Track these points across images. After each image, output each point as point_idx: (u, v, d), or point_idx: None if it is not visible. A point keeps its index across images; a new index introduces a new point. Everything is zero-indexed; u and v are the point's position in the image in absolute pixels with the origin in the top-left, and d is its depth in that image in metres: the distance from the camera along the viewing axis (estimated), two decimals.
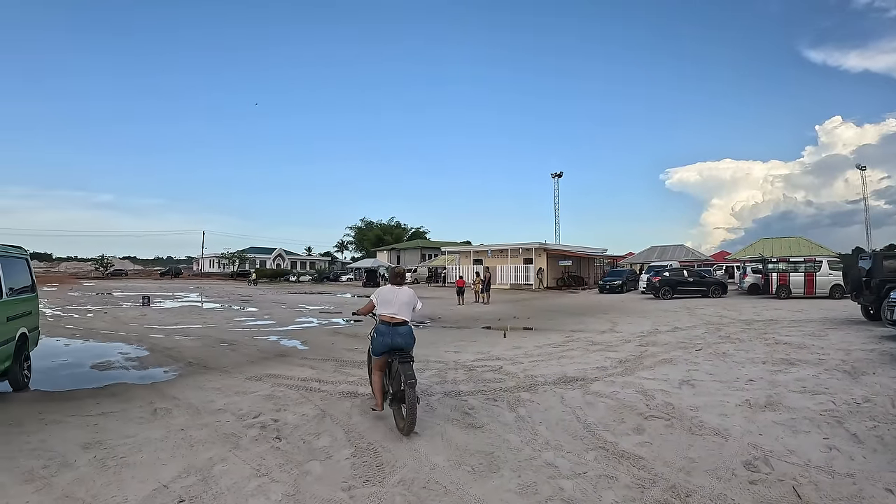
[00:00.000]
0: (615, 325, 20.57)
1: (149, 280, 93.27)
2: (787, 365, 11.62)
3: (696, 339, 15.86)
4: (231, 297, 41.28)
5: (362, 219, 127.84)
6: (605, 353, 13.46)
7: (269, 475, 5.58)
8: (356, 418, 7.79)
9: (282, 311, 28.32)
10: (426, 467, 5.80)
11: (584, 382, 10.09)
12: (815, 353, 13.13)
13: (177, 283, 77.59)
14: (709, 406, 8.36)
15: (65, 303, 34.58)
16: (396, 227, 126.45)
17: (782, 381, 10.04)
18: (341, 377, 10.76)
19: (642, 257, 73.96)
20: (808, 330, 17.72)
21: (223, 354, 13.73)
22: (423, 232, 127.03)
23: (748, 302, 32.08)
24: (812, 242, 66.71)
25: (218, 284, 76.01)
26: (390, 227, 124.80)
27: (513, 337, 16.99)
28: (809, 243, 66.35)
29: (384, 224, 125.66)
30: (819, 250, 60.37)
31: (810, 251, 58.96)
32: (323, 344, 15.63)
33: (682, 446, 6.50)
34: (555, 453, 6.26)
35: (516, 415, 7.94)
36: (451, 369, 11.51)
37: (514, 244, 58.68)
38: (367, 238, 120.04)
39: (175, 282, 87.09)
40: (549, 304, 33.18)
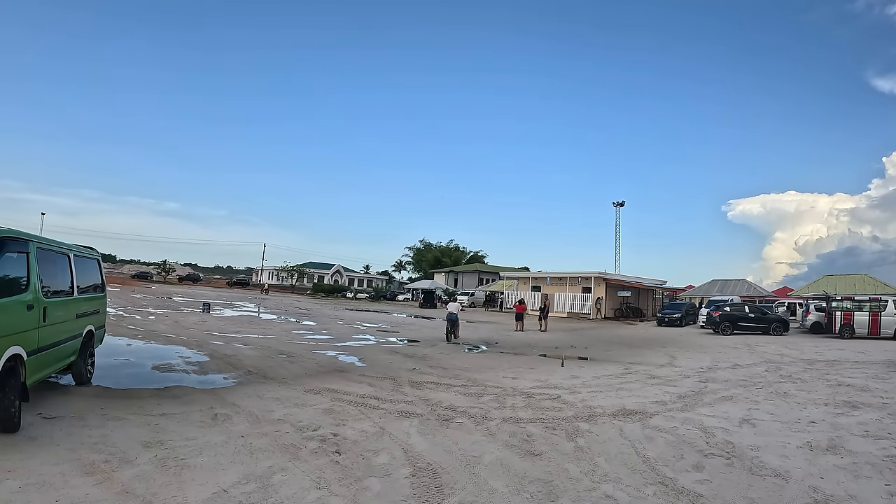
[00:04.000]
0: (674, 358, 20.26)
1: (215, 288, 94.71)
2: (850, 408, 11.38)
3: (757, 378, 15.56)
4: (289, 310, 41.63)
5: (421, 240, 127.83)
6: (663, 388, 13.27)
7: (328, 488, 5.59)
8: (415, 438, 7.77)
9: (339, 327, 28.47)
10: (485, 492, 5.76)
11: (644, 416, 9.96)
12: (879, 396, 12.84)
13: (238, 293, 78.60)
14: (769, 446, 8.21)
15: (127, 304, 35.29)
16: (455, 249, 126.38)
17: (844, 424, 9.84)
18: (399, 396, 10.79)
19: (702, 291, 73.00)
20: (871, 372, 17.28)
21: (281, 365, 13.85)
22: (482, 256, 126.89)
23: (810, 341, 31.38)
24: (877, 280, 64.87)
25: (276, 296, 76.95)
26: (449, 250, 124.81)
27: (570, 366, 16.84)
28: (875, 281, 64.56)
29: (443, 246, 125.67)
30: (885, 289, 58.60)
31: (875, 289, 57.28)
32: (381, 362, 15.69)
33: (743, 486, 6.39)
34: (614, 486, 6.19)
35: (575, 444, 7.86)
36: (510, 395, 11.44)
37: (573, 272, 58.27)
38: (426, 259, 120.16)
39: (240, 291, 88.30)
40: (607, 335, 32.80)
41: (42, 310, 7.94)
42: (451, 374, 14.07)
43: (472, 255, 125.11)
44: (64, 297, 9.18)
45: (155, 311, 31.39)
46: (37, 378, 7.96)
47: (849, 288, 58.36)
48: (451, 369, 14.89)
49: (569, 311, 55.65)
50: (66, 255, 9.51)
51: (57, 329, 8.69)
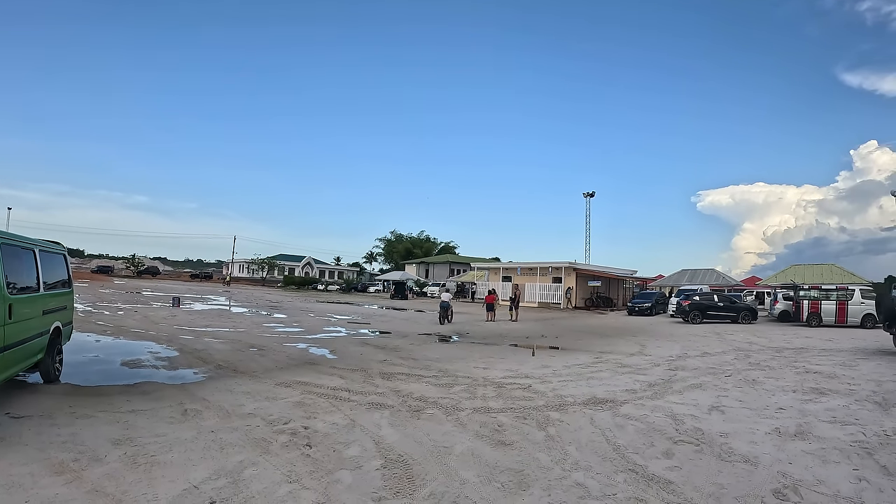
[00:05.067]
0: (644, 347, 20.46)
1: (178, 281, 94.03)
2: (818, 394, 11.58)
3: (726, 366, 15.75)
4: (259, 303, 41.47)
5: (392, 231, 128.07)
6: (634, 376, 13.41)
7: (299, 482, 5.60)
8: (386, 430, 7.79)
9: (310, 319, 28.43)
10: (456, 482, 5.80)
11: (614, 404, 10.06)
12: (846, 383, 13.06)
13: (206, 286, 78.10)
14: (738, 433, 8.35)
15: (95, 299, 34.97)
16: (426, 240, 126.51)
17: (812, 411, 10.02)
18: (370, 388, 10.79)
19: (672, 280, 73.58)
20: (838, 359, 17.56)
21: (252, 359, 13.80)
22: (453, 247, 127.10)
23: (778, 329, 31.80)
24: (844, 270, 65.96)
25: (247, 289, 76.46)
26: (420, 241, 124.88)
27: (541, 355, 16.95)
28: (842, 271, 65.63)
29: (414, 237, 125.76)
30: (851, 278, 59.64)
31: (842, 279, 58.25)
32: (352, 354, 15.68)
33: (712, 472, 6.49)
34: (585, 474, 6.25)
35: (546, 434, 7.92)
36: (481, 385, 11.50)
37: (544, 262, 58.48)
38: (397, 250, 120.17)
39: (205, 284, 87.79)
40: (578, 324, 33.04)
41: (7, 307, 7.84)
42: (422, 364, 14.10)
43: (443, 246, 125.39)
44: (30, 294, 9.06)
45: (124, 306, 31.14)
46: (3, 377, 7.87)
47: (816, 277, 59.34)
48: (422, 360, 14.92)
49: (539, 301, 55.92)
50: (31, 250, 9.39)
51: (23, 326, 8.58)
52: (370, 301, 57.98)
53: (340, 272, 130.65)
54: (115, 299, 36.49)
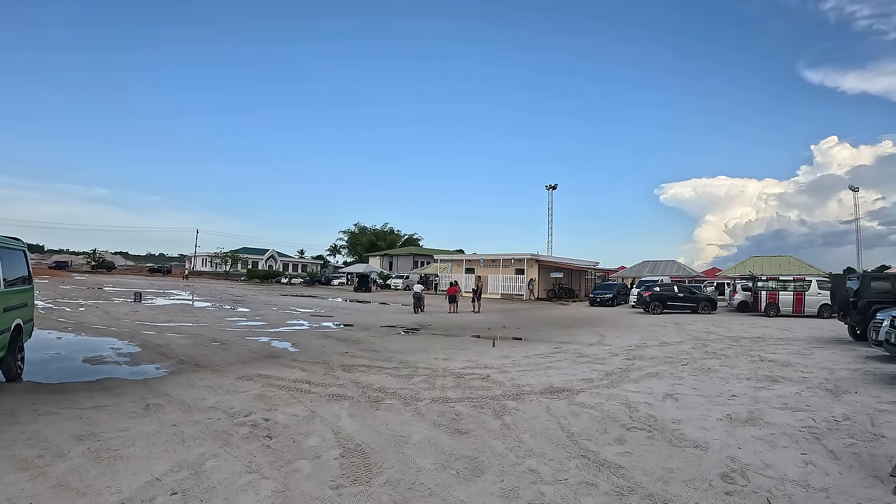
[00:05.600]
0: (604, 338, 20.71)
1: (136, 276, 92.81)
2: (771, 382, 11.86)
3: (683, 355, 16.04)
4: (223, 297, 41.24)
5: (356, 223, 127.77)
6: (592, 366, 13.62)
7: (259, 472, 5.71)
8: (345, 420, 7.91)
9: (273, 313, 28.36)
10: (412, 469, 5.95)
11: (570, 393, 10.25)
12: (800, 371, 13.35)
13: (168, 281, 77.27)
14: (690, 419, 8.56)
15: (56, 296, 34.59)
16: (390, 232, 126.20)
17: (764, 398, 10.27)
18: (331, 380, 10.88)
19: (634, 271, 74.44)
20: (794, 348, 17.94)
21: (214, 353, 13.81)
22: (417, 239, 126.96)
23: (737, 319, 32.29)
24: (802, 262, 67.28)
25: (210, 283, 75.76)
26: (384, 233, 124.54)
27: (502, 346, 17.14)
28: (799, 262, 66.92)
29: (378, 229, 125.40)
30: (809, 270, 60.86)
31: (800, 270, 59.42)
32: (313, 347, 15.72)
33: (662, 457, 6.69)
34: (538, 460, 6.43)
35: (502, 422, 8.10)
36: (440, 376, 11.64)
37: (507, 254, 58.75)
38: (361, 243, 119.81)
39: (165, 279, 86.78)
40: (539, 316, 33.32)
41: None
42: (383, 356, 14.20)
43: (406, 239, 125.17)
44: None
45: (85, 302, 30.82)
46: None
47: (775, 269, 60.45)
48: (383, 352, 15.02)
49: (502, 293, 56.21)
50: None
51: None
52: (334, 294, 57.86)
53: (304, 265, 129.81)
54: (75, 295, 36.10)
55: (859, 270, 41.17)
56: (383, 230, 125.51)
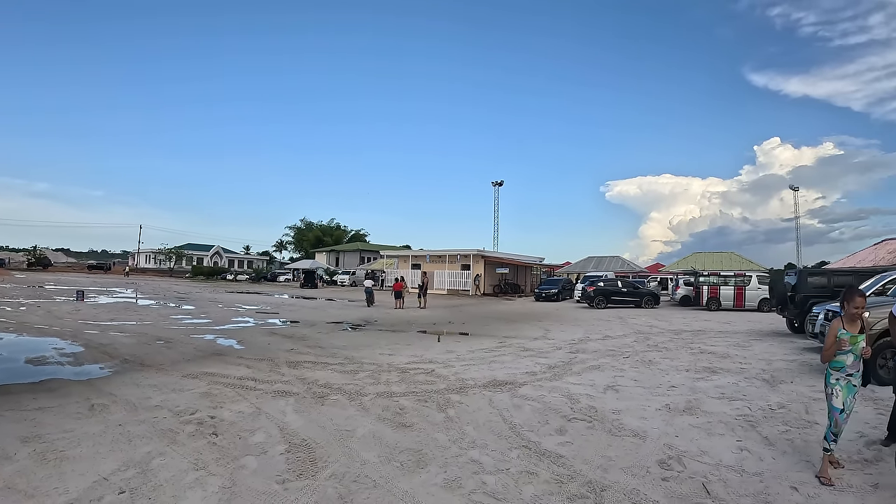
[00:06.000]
0: (548, 332, 21.01)
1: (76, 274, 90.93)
2: (710, 373, 12.22)
3: (625, 348, 16.38)
4: (167, 295, 40.73)
5: (302, 219, 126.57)
6: (535, 359, 13.86)
7: (206, 469, 5.77)
8: (290, 416, 7.99)
9: (218, 310, 28.07)
10: (357, 463, 6.08)
11: (513, 386, 10.46)
12: (738, 362, 13.77)
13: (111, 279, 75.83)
14: (630, 410, 8.83)
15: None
16: (337, 228, 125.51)
17: (703, 388, 10.60)
18: (276, 376, 10.92)
19: (579, 267, 75.23)
20: (733, 341, 18.46)
21: (159, 352, 13.68)
22: (363, 234, 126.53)
23: (679, 313, 32.91)
24: (742, 258, 68.87)
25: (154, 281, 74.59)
26: (330, 229, 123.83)
27: (447, 341, 17.29)
28: (740, 258, 68.45)
29: (324, 225, 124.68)
30: (749, 265, 62.38)
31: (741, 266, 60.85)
32: (259, 344, 15.69)
33: (602, 446, 6.93)
34: (480, 451, 6.62)
35: (445, 415, 8.27)
36: (385, 371, 11.76)
37: (453, 250, 58.89)
38: (307, 238, 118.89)
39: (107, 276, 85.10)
40: (485, 311, 33.52)
41: None
42: (329, 352, 14.25)
43: (353, 234, 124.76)
44: None
45: (26, 301, 30.20)
46: None
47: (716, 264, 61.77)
48: (329, 348, 15.07)
49: (448, 289, 56.35)
50: None
51: None
52: (280, 290, 57.52)
53: (250, 261, 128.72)
54: (16, 294, 35.33)
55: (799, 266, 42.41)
56: (330, 226, 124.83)
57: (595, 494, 5.37)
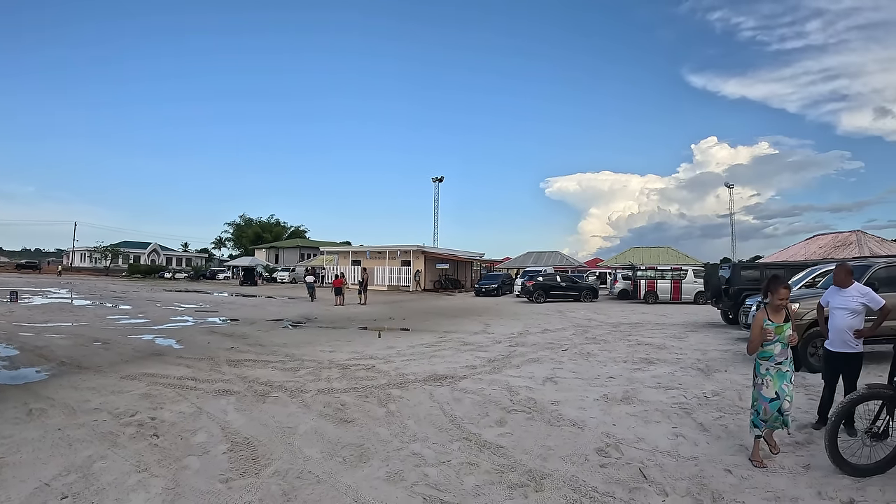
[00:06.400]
0: (488, 326, 21.25)
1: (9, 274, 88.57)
2: (647, 364, 12.57)
3: (564, 341, 16.69)
4: (103, 294, 39.98)
5: (241, 215, 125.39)
6: (475, 353, 14.05)
7: (148, 470, 5.76)
8: (232, 415, 8.01)
9: (156, 310, 27.61)
10: (300, 459, 6.15)
11: (453, 380, 10.63)
12: (674, 353, 14.17)
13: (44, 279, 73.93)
14: (569, 401, 9.06)
15: None
16: (276, 225, 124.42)
17: (640, 378, 10.93)
18: (217, 375, 10.89)
19: (518, 262, 75.97)
20: (670, 332, 18.96)
21: (97, 353, 13.46)
22: (303, 231, 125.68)
23: (617, 306, 33.58)
24: (679, 252, 70.54)
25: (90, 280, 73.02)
26: (270, 225, 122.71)
27: (387, 337, 17.38)
28: (677, 253, 70.07)
29: (263, 221, 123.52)
30: (686, 259, 63.94)
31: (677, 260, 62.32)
32: (199, 343, 15.57)
33: (541, 436, 7.14)
34: (421, 444, 6.76)
35: (387, 410, 8.38)
36: (326, 368, 11.80)
37: (393, 246, 58.93)
38: (246, 235, 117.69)
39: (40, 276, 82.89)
40: (425, 306, 33.68)
41: None
42: (269, 350, 14.23)
43: (293, 231, 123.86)
44: None
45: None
46: None
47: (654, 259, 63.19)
48: (270, 346, 15.04)
49: (389, 285, 56.40)
50: None
51: None
52: (219, 288, 56.98)
53: (188, 259, 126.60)
54: None
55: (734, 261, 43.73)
56: (269, 222, 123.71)
57: (535, 483, 5.55)
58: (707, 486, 5.52)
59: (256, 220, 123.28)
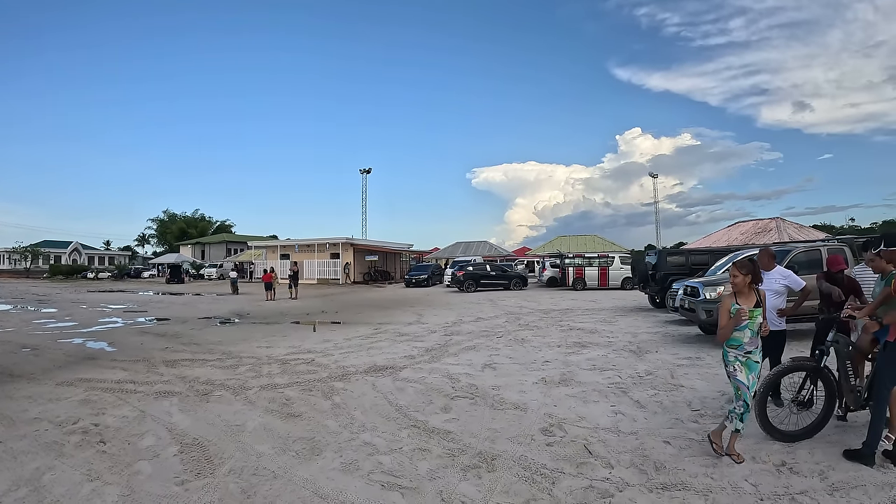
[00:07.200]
0: (421, 316, 21.53)
1: None
2: (580, 347, 12.99)
3: (498, 328, 17.03)
4: (25, 297, 38.91)
5: (165, 211, 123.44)
6: (412, 343, 14.26)
7: (100, 478, 5.69)
8: (177, 416, 7.96)
9: (83, 312, 26.93)
10: (253, 456, 6.20)
11: (394, 370, 10.83)
12: (606, 336, 14.61)
13: None
14: (509, 385, 9.36)
15: None
16: (201, 220, 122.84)
17: (575, 361, 11.32)
18: (156, 377, 10.76)
19: (447, 252, 76.42)
20: (600, 317, 19.53)
21: (27, 360, 13.10)
22: (229, 225, 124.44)
23: (547, 293, 34.23)
24: (605, 240, 72.21)
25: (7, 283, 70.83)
26: (195, 220, 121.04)
27: (322, 331, 17.44)
28: (603, 240, 71.65)
29: (188, 217, 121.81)
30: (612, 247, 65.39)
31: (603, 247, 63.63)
32: (131, 344, 15.30)
33: (486, 420, 7.40)
34: (371, 434, 6.90)
35: (332, 402, 8.51)
36: (265, 364, 11.83)
37: (321, 239, 58.83)
38: (171, 231, 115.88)
39: None
40: (357, 299, 33.83)
41: None
42: (205, 349, 14.14)
43: (219, 226, 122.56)
44: None
45: None
46: None
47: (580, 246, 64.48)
48: (205, 344, 14.94)
49: (319, 278, 56.41)
50: None
51: None
52: (145, 287, 55.99)
53: (111, 257, 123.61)
54: None
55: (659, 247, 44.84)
56: (194, 217, 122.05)
57: (487, 464, 5.76)
58: (649, 457, 5.84)
59: (181, 216, 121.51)
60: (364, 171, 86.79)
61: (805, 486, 5.07)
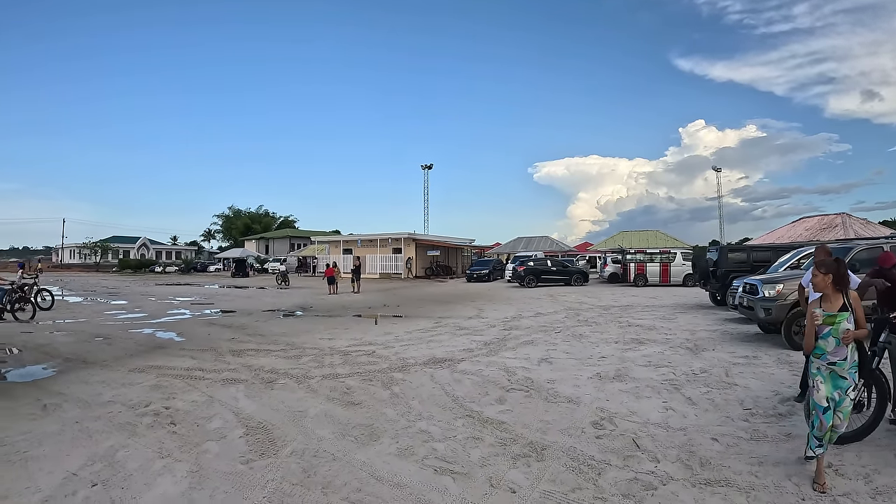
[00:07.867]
0: (481, 311, 21.64)
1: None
2: (637, 344, 12.94)
3: (557, 323, 17.06)
4: (96, 290, 39.88)
5: (230, 206, 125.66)
6: (471, 337, 14.41)
7: (171, 456, 6.01)
8: (243, 401, 8.27)
9: (152, 304, 27.70)
10: (314, 440, 6.46)
11: (452, 363, 11.01)
12: (664, 333, 14.54)
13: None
14: (564, 379, 9.45)
15: None
16: (265, 215, 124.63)
17: (631, 358, 11.31)
18: (222, 365, 11.12)
19: (509, 248, 76.18)
20: (659, 314, 19.37)
21: (100, 349, 13.56)
22: (293, 221, 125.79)
23: (608, 289, 34.03)
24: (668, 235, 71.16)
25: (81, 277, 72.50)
26: (259, 216, 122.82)
27: (384, 324, 17.71)
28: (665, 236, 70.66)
29: (252, 212, 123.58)
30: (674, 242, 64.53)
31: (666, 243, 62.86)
32: (199, 335, 15.74)
33: (539, 412, 7.54)
34: (427, 422, 7.12)
35: (391, 392, 8.74)
36: (328, 355, 12.09)
37: (384, 234, 59.19)
38: (236, 227, 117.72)
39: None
40: (418, 293, 34.01)
41: None
42: (270, 340, 14.45)
43: (282, 221, 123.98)
44: None
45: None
46: None
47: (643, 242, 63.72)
48: (269, 335, 15.26)
49: (381, 272, 56.73)
50: None
51: None
52: (211, 280, 56.87)
53: (178, 252, 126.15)
54: None
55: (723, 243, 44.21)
56: (258, 213, 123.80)
57: (537, 453, 5.93)
58: (695, 453, 5.92)
59: (245, 212, 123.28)
60: (425, 166, 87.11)
61: (848, 489, 5.08)
